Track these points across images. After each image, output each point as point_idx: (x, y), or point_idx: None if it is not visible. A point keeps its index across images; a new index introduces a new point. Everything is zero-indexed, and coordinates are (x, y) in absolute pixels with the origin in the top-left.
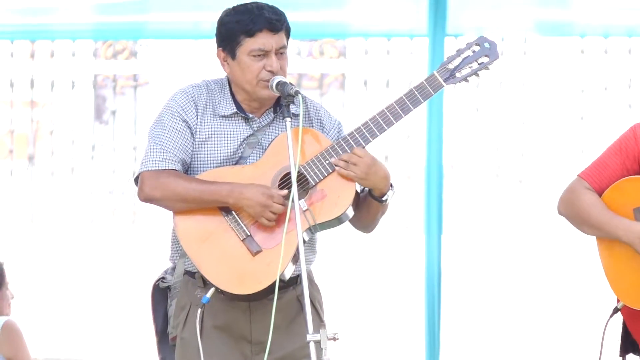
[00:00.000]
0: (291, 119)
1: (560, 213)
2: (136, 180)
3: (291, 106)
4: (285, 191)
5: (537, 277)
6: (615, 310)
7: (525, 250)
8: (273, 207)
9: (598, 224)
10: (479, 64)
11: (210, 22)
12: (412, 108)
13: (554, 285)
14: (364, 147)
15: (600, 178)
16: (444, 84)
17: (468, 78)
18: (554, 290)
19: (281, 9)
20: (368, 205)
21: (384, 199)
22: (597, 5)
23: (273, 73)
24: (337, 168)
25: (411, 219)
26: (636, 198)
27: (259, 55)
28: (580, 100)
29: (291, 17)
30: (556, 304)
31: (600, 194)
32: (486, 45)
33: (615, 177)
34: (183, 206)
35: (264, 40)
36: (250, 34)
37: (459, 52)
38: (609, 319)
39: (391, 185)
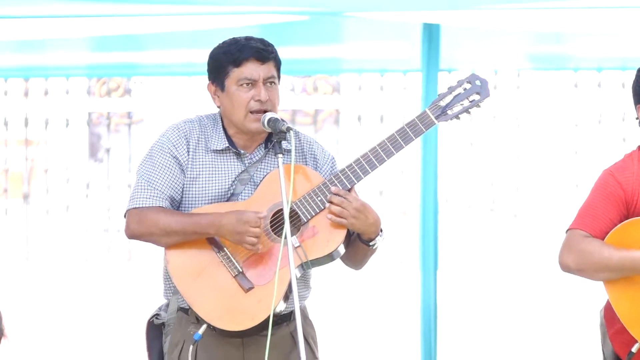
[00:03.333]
0: (283, 155)
1: (569, 268)
2: (125, 217)
3: (283, 142)
4: (262, 213)
5: (533, 312)
6: (631, 355)
7: (521, 284)
8: (250, 231)
9: (619, 266)
10: (470, 102)
11: (204, 59)
12: (404, 145)
13: (550, 321)
14: (353, 187)
15: (596, 226)
16: (435, 121)
17: (459, 115)
18: (550, 326)
19: (275, 44)
20: (357, 247)
21: (371, 244)
22: (590, 39)
23: (262, 102)
24: (329, 213)
25: (406, 254)
26: None
27: (247, 85)
28: (574, 134)
29: (285, 53)
30: (552, 340)
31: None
32: (477, 82)
33: (611, 223)
34: (168, 240)
35: (251, 69)
36: (237, 63)
37: (451, 89)
38: None
39: (381, 231)
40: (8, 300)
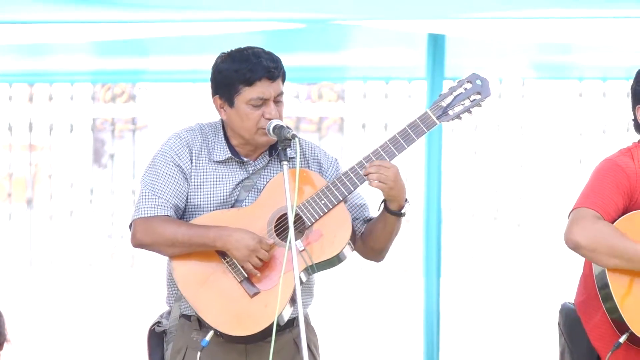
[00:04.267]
0: (288, 162)
1: (579, 245)
2: (130, 226)
3: (288, 149)
4: (271, 240)
5: (536, 321)
6: (618, 345)
7: (524, 293)
8: (260, 252)
9: (635, 256)
10: (471, 101)
11: (208, 65)
12: (406, 146)
13: (553, 329)
14: (357, 188)
15: (606, 209)
16: (437, 121)
17: (461, 115)
18: (552, 334)
19: (280, 52)
20: (383, 225)
21: (402, 211)
22: (595, 49)
23: (271, 120)
24: (369, 175)
25: (410, 262)
26: None
27: (258, 105)
28: (579, 144)
29: (290, 61)
30: (555, 348)
31: None
32: (478, 82)
33: (619, 210)
34: (175, 251)
35: (263, 89)
36: (249, 83)
37: (451, 89)
38: (609, 355)
39: (406, 200)
40: (11, 305)
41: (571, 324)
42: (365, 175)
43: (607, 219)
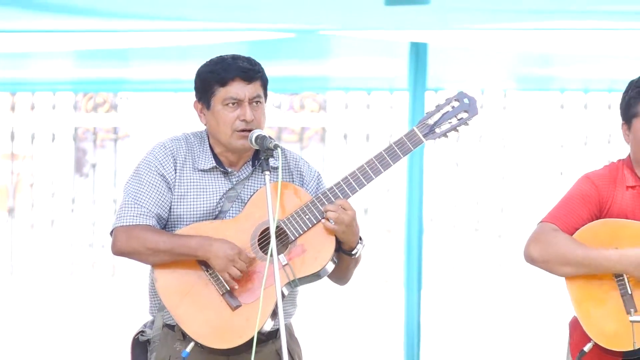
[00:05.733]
0: (270, 172)
1: (533, 259)
2: (111, 233)
3: (271, 159)
4: (252, 255)
5: (517, 332)
6: (582, 353)
7: (504, 305)
8: (238, 263)
9: (585, 261)
10: (458, 120)
11: (191, 75)
12: (392, 163)
13: (534, 341)
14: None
15: (567, 222)
16: (423, 139)
17: (447, 134)
18: (534, 346)
19: (262, 62)
20: (340, 261)
21: (353, 252)
22: (577, 61)
23: (247, 122)
24: (326, 217)
25: (391, 272)
26: (608, 240)
27: (233, 104)
28: (560, 155)
29: (272, 71)
30: (537, 357)
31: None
32: (465, 101)
33: (582, 222)
34: (156, 259)
35: (237, 89)
36: (223, 83)
37: (439, 107)
38: None
39: (360, 239)
40: None
41: None
42: (324, 212)
43: (567, 231)
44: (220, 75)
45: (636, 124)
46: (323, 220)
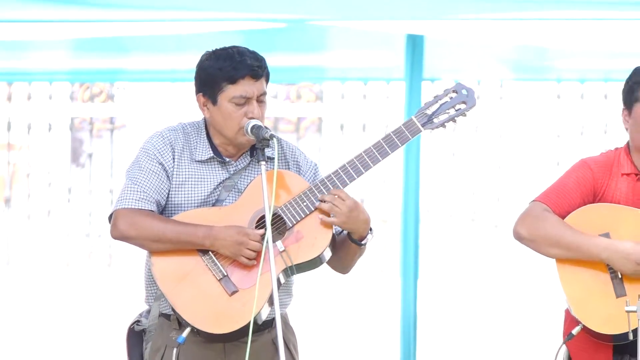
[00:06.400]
0: (266, 162)
1: (521, 237)
2: (110, 217)
3: (267, 149)
4: (261, 230)
5: (513, 322)
6: (571, 336)
7: (500, 294)
8: (249, 244)
9: (573, 244)
10: (456, 111)
11: (188, 65)
12: (390, 152)
13: (530, 330)
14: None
15: (559, 203)
16: (421, 128)
17: (445, 124)
18: (530, 334)
19: (258, 51)
20: (346, 248)
21: (362, 242)
22: (573, 51)
23: (254, 119)
24: (320, 210)
25: (387, 263)
26: (601, 224)
27: (241, 103)
28: (557, 145)
29: (269, 61)
30: (532, 348)
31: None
32: (464, 92)
33: (574, 205)
34: (159, 246)
35: (246, 87)
36: (233, 80)
37: (437, 98)
38: (561, 345)
39: (370, 229)
40: None
41: None
42: (321, 201)
43: (558, 212)
44: (230, 74)
45: (637, 108)
46: (320, 216)
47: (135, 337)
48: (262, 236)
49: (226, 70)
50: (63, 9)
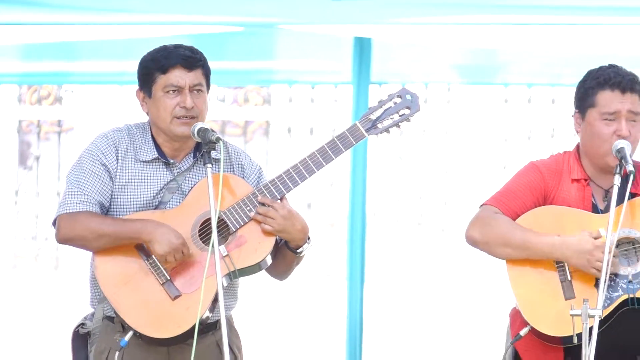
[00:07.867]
0: (212, 165)
1: (475, 240)
2: (54, 223)
3: (212, 152)
4: (193, 249)
5: (459, 326)
6: (518, 337)
7: (447, 298)
8: (179, 254)
9: (524, 243)
10: (400, 116)
11: (135, 68)
12: (334, 157)
13: (476, 333)
14: (284, 196)
15: (510, 206)
16: (365, 134)
17: (389, 129)
18: (476, 338)
19: (207, 55)
20: (283, 255)
21: (299, 251)
22: (520, 55)
23: (187, 109)
24: (254, 220)
25: (333, 266)
26: (551, 226)
27: (174, 92)
28: (504, 149)
29: (217, 65)
30: (480, 350)
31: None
32: (408, 97)
33: (525, 208)
34: (99, 243)
35: (177, 76)
36: (164, 70)
37: (381, 103)
38: (509, 346)
39: (308, 238)
40: None
41: None
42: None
43: (508, 215)
44: (160, 63)
45: (591, 114)
46: (260, 219)
47: (80, 339)
48: (204, 243)
49: (157, 60)
50: (10, 12)
